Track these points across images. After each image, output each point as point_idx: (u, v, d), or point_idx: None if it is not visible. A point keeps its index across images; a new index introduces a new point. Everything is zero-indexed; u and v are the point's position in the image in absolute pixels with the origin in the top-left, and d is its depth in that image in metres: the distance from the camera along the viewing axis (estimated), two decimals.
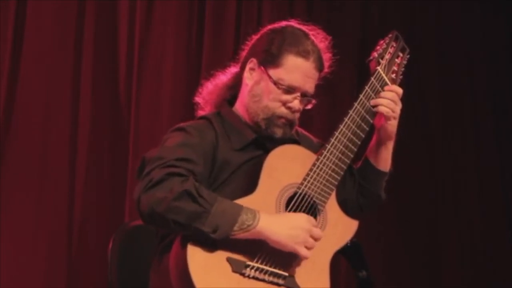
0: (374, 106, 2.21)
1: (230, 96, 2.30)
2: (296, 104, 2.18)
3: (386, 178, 2.36)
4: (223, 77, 2.34)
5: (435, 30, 4.47)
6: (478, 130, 4.47)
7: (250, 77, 2.22)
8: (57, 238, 3.55)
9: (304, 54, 2.18)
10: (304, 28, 2.25)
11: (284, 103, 2.18)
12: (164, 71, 3.83)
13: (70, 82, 3.64)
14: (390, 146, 2.32)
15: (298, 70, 2.17)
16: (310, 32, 2.24)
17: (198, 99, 2.35)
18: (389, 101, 2.21)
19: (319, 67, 2.21)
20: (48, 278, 3.52)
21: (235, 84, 2.29)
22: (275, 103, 2.18)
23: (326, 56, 2.24)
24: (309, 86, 2.20)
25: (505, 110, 4.51)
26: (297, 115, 2.22)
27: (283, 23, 2.26)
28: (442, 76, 4.45)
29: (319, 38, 2.24)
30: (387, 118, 2.23)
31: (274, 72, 2.17)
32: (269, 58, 2.18)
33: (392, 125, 2.26)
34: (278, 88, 2.16)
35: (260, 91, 2.19)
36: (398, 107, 2.23)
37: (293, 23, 2.27)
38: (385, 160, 2.33)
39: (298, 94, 2.18)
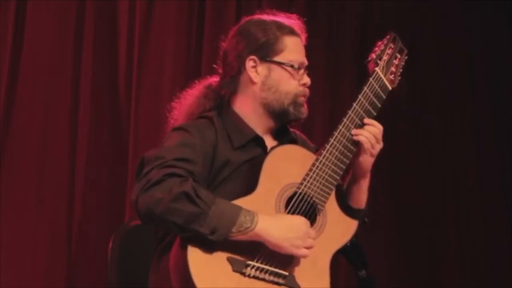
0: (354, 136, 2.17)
1: (210, 107, 2.28)
2: (306, 78, 2.26)
3: (362, 214, 2.30)
4: (194, 92, 2.33)
5: (435, 30, 4.47)
6: (478, 130, 4.47)
7: (256, 75, 2.23)
8: (57, 238, 3.55)
9: (294, 32, 2.26)
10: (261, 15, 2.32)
11: (299, 81, 2.23)
12: (164, 71, 3.82)
13: (70, 82, 3.64)
14: (363, 184, 2.27)
15: (297, 47, 2.26)
16: (270, 16, 2.31)
17: (172, 114, 2.35)
18: (371, 135, 2.18)
19: (303, 38, 2.30)
20: (48, 278, 3.51)
21: (216, 92, 2.28)
22: (293, 85, 2.23)
23: (300, 26, 2.30)
24: (306, 59, 2.28)
25: (505, 110, 4.51)
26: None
27: (249, 18, 2.31)
28: (442, 76, 4.45)
29: (282, 16, 2.32)
30: (364, 151, 2.19)
31: (281, 58, 2.22)
32: (270, 48, 2.22)
33: (368, 161, 2.22)
34: (293, 69, 2.21)
35: (274, 81, 2.22)
36: (378, 146, 2.20)
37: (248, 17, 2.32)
38: (357, 200, 2.29)
39: (303, 68, 2.25)
